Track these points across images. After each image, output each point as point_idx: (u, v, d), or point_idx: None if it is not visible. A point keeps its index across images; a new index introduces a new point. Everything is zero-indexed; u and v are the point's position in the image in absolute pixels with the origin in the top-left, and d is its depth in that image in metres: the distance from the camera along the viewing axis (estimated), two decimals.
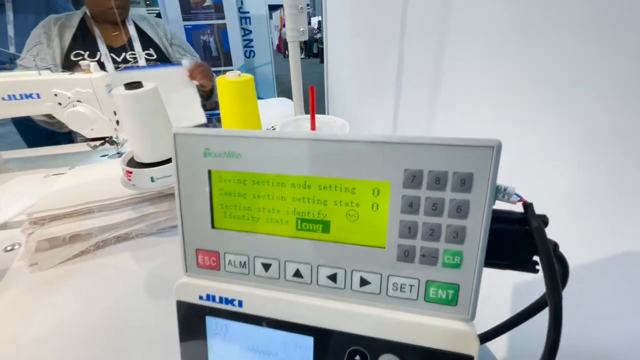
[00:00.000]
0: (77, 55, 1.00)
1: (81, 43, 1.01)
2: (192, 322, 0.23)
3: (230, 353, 0.22)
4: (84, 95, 0.70)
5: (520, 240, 0.19)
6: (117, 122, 0.73)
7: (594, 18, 0.25)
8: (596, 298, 0.28)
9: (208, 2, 1.91)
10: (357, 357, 0.20)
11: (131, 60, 1.04)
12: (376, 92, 0.72)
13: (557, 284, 0.18)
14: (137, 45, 1.06)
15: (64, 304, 0.42)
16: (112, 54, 1.03)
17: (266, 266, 0.21)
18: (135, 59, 1.04)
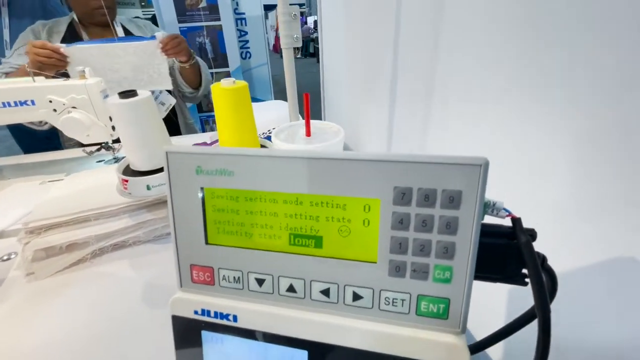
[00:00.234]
0: None
1: None
2: (188, 336, 0.23)
3: None
4: (79, 102, 0.70)
5: (509, 254, 0.19)
6: (113, 128, 0.73)
7: (583, 31, 0.26)
8: (587, 302, 0.29)
9: (203, 4, 1.90)
10: None
11: None
12: (371, 94, 0.72)
13: (545, 297, 0.18)
14: None
15: (61, 314, 0.42)
16: None
17: (260, 281, 0.21)
18: None
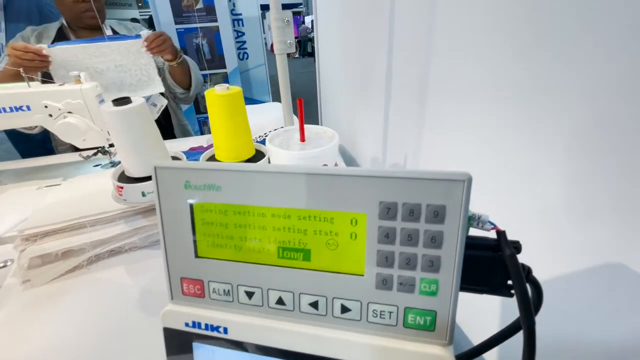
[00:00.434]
0: None
1: None
2: (180, 348, 0.23)
3: None
4: (74, 106, 0.70)
5: (494, 266, 0.19)
6: (109, 132, 0.73)
7: (572, 36, 0.26)
8: (575, 307, 0.29)
9: (200, 5, 1.90)
10: None
11: None
12: (367, 97, 0.72)
13: (530, 309, 0.18)
14: None
15: (57, 320, 0.43)
16: None
17: (249, 294, 0.22)
18: None
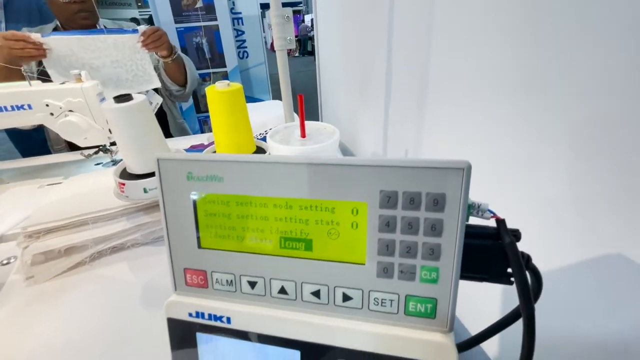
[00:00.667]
0: None
1: None
2: (183, 338, 0.23)
3: None
4: (75, 105, 0.70)
5: (494, 254, 0.20)
6: (110, 131, 0.73)
7: (574, 34, 0.26)
8: (575, 298, 0.29)
9: (199, 4, 1.90)
10: None
11: None
12: (367, 94, 0.72)
13: (530, 297, 0.18)
14: None
15: (60, 317, 0.43)
16: None
17: (252, 284, 0.22)
18: None
